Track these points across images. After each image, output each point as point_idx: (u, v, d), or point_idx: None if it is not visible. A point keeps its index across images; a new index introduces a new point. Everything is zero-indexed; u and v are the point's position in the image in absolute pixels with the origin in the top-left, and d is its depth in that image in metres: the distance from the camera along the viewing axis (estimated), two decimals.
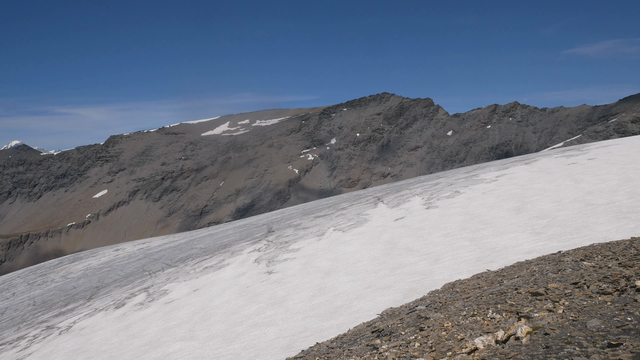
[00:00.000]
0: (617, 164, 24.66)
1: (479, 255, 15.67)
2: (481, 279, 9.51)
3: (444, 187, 28.67)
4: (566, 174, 24.76)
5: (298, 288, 17.22)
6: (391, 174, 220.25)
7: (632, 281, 5.97)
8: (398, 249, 18.86)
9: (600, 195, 19.63)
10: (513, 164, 31.89)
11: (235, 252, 26.25)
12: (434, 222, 21.52)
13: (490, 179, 27.50)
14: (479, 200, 23.36)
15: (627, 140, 34.32)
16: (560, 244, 14.73)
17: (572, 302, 5.79)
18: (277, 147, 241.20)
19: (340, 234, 23.59)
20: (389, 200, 28.93)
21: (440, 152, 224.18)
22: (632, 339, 4.27)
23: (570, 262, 8.39)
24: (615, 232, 14.78)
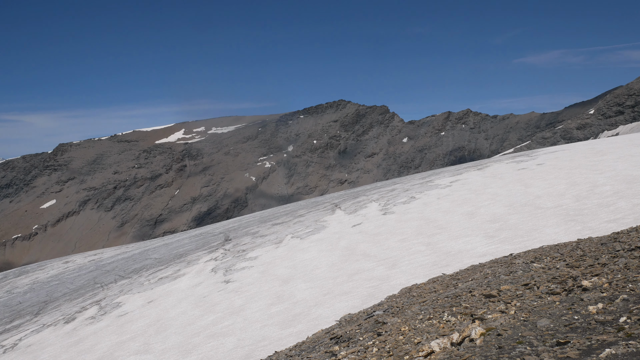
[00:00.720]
0: (564, 169, 25.66)
1: (435, 260, 15.97)
2: (437, 282, 9.70)
3: (400, 193, 29.10)
4: (517, 178, 25.58)
5: (256, 297, 17.08)
6: (348, 180, 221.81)
7: (579, 281, 6.22)
8: (356, 254, 19.00)
9: (549, 199, 20.37)
10: (466, 169, 32.69)
11: (191, 262, 25.82)
12: (390, 227, 21.79)
13: (444, 185, 28.10)
14: (434, 205, 23.82)
15: (572, 146, 35.79)
16: (512, 246, 15.19)
17: (523, 303, 5.98)
18: (233, 154, 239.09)
19: (298, 241, 23.57)
20: (347, 207, 29.13)
21: (396, 159, 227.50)
22: (579, 337, 4.45)
23: (521, 264, 8.67)
24: (563, 235, 15.36)
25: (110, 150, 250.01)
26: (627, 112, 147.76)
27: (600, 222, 15.93)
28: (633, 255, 6.95)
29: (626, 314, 4.64)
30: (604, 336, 4.29)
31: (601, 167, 24.19)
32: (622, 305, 4.94)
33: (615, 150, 28.57)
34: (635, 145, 29.30)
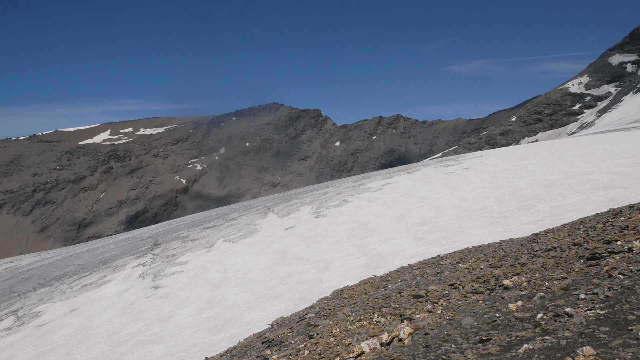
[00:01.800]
0: (488, 173, 26.89)
1: (366, 262, 16.24)
2: (368, 284, 9.85)
3: (332, 196, 29.38)
4: (444, 182, 26.52)
5: (186, 302, 16.67)
6: (281, 183, 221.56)
7: (501, 280, 6.52)
8: (289, 258, 18.99)
9: (474, 202, 21.27)
10: (397, 173, 33.51)
11: (117, 268, 24.84)
12: (323, 230, 21.96)
13: (375, 188, 28.66)
14: (365, 208, 24.24)
15: (496, 152, 37.58)
16: (439, 248, 15.72)
17: (449, 302, 6.19)
18: (163, 156, 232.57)
19: (230, 245, 23.25)
20: (279, 210, 29.07)
21: (329, 162, 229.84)
22: (500, 334, 4.66)
23: (448, 265, 8.97)
24: (487, 236, 16.08)
25: (29, 151, 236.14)
26: (546, 119, 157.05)
27: (521, 223, 16.81)
28: (549, 255, 7.37)
29: (542, 310, 4.91)
30: (523, 332, 4.52)
31: (522, 171, 25.54)
32: (539, 303, 5.22)
33: (534, 155, 30.27)
34: (553, 151, 31.17)
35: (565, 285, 5.52)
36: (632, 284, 4.80)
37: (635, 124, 48.25)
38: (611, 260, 5.85)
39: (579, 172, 22.70)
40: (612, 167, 22.50)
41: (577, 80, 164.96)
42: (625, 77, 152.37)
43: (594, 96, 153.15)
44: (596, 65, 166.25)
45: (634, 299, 4.47)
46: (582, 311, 4.56)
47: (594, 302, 4.68)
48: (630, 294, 4.59)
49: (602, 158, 25.14)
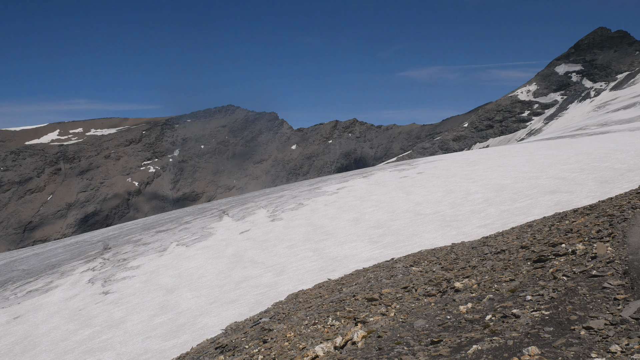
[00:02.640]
0: (441, 177, 27.47)
1: (322, 265, 16.28)
2: (323, 288, 9.88)
3: (288, 199, 29.34)
4: (399, 186, 26.92)
5: (138, 307, 16.26)
6: (236, 186, 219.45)
7: (452, 283, 6.67)
8: (244, 262, 18.82)
9: (428, 205, 21.68)
10: (352, 177, 33.79)
11: (65, 273, 23.98)
12: (279, 234, 21.88)
13: (331, 192, 28.80)
14: (321, 211, 24.32)
15: (449, 157, 38.45)
16: (394, 251, 15.93)
17: (402, 305, 6.27)
18: (114, 158, 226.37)
19: (183, 249, 22.85)
20: (235, 213, 28.80)
21: (285, 165, 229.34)
22: (450, 335, 4.76)
23: (402, 268, 9.11)
24: (440, 239, 16.41)
25: None
26: (496, 126, 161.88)
27: (473, 227, 17.25)
28: (499, 258, 7.59)
29: (491, 312, 5.05)
30: (472, 333, 4.63)
31: (474, 176, 26.23)
32: (488, 304, 5.37)
33: (486, 160, 31.14)
34: (503, 156, 32.15)
35: (513, 287, 5.70)
36: (575, 286, 5.00)
37: (580, 131, 50.40)
38: (556, 263, 6.08)
39: (527, 177, 23.49)
40: (558, 172, 23.40)
41: (525, 88, 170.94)
42: (571, 86, 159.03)
43: (542, 104, 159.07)
44: (543, 74, 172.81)
45: (577, 299, 4.66)
46: (529, 312, 4.71)
47: (540, 303, 4.85)
48: (573, 295, 4.78)
49: (549, 164, 26.11)
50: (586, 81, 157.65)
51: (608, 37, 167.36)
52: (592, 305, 4.45)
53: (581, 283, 5.03)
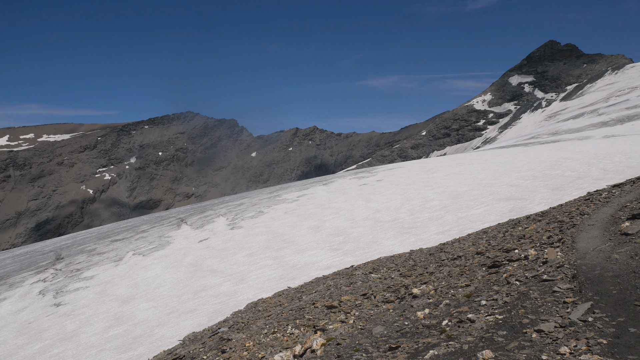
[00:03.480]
0: (400, 185, 27.86)
1: (282, 273, 16.22)
2: (282, 296, 9.85)
3: (248, 207, 29.13)
4: (359, 194, 27.14)
5: (92, 319, 15.78)
6: (195, 194, 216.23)
7: (410, 289, 6.76)
8: (202, 270, 18.55)
9: (387, 213, 21.93)
10: (312, 184, 33.86)
11: (14, 284, 23.04)
12: (238, 242, 21.69)
13: (292, 199, 28.77)
14: (281, 219, 24.25)
15: (408, 164, 39.04)
16: (354, 258, 16.03)
17: (361, 312, 6.32)
18: (68, 165, 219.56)
19: (140, 258, 22.34)
20: (193, 222, 28.38)
21: (245, 173, 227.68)
22: (408, 341, 4.83)
23: (361, 275, 9.17)
24: (399, 246, 16.61)
25: None
26: (453, 134, 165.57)
27: (431, 234, 17.55)
28: (455, 264, 7.75)
29: (448, 317, 5.15)
30: (429, 339, 4.71)
31: (432, 183, 26.71)
32: (445, 310, 5.47)
33: (443, 168, 31.77)
34: (460, 164, 32.89)
35: (469, 292, 5.83)
36: (527, 290, 5.16)
37: (533, 140, 52.10)
38: (509, 268, 6.26)
39: (483, 185, 24.09)
40: (513, 180, 24.11)
41: (481, 98, 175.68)
42: (524, 96, 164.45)
43: (496, 113, 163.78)
44: (498, 85, 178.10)
45: (529, 303, 4.80)
46: (483, 316, 4.83)
47: (494, 308, 4.98)
48: (525, 299, 4.93)
49: (504, 171, 26.87)
50: (538, 92, 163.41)
51: (558, 50, 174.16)
52: (543, 309, 4.59)
53: (533, 287, 5.19)
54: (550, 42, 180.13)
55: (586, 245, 6.12)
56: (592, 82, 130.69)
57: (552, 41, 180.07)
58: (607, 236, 6.23)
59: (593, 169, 23.60)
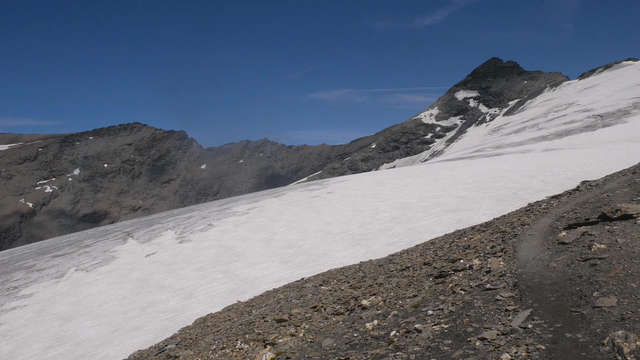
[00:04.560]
0: (351, 197, 28.12)
1: (232, 287, 16.01)
2: (232, 310, 9.72)
3: (197, 220, 28.66)
4: (310, 206, 27.20)
5: (30, 340, 15.04)
6: (142, 207, 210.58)
7: (360, 301, 6.82)
8: (150, 286, 18.06)
9: (338, 225, 22.07)
10: (263, 197, 33.69)
11: None
12: (187, 256, 21.27)
13: (242, 212, 28.51)
14: (232, 232, 23.97)
15: (358, 177, 39.49)
16: (305, 271, 16.01)
17: (311, 325, 6.32)
18: (5, 177, 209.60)
19: (83, 274, 21.53)
20: (140, 236, 27.63)
21: (194, 185, 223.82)
22: (357, 353, 4.87)
23: (311, 288, 9.18)
24: (350, 258, 16.74)
25: None
26: (402, 147, 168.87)
27: (381, 245, 17.78)
28: (403, 275, 7.88)
29: (396, 328, 5.23)
30: (378, 350, 4.77)
31: (381, 195, 27.11)
32: (393, 320, 5.55)
33: (392, 181, 32.31)
34: (409, 176, 33.54)
35: (416, 302, 5.94)
36: (472, 299, 5.32)
37: (478, 153, 53.83)
38: (455, 278, 6.43)
39: (431, 197, 24.65)
40: (459, 191, 24.80)
41: (428, 112, 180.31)
42: (469, 110, 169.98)
43: (443, 127, 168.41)
44: (444, 100, 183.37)
45: (473, 312, 4.94)
46: (430, 326, 4.93)
47: (440, 317, 5.10)
48: (469, 308, 5.07)
49: (451, 183, 27.61)
50: (482, 106, 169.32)
51: (500, 67, 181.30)
52: (486, 317, 4.74)
53: (477, 296, 5.35)
54: (493, 59, 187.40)
55: (526, 254, 6.37)
56: (532, 98, 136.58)
57: (495, 58, 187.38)
58: (546, 245, 6.50)
59: (534, 181, 24.60)
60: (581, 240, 6.14)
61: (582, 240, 6.13)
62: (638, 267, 4.87)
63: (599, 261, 5.24)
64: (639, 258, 5.08)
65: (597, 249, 5.62)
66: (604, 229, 6.24)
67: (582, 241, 6.07)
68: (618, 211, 6.57)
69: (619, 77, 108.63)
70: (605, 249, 5.53)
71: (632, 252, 5.27)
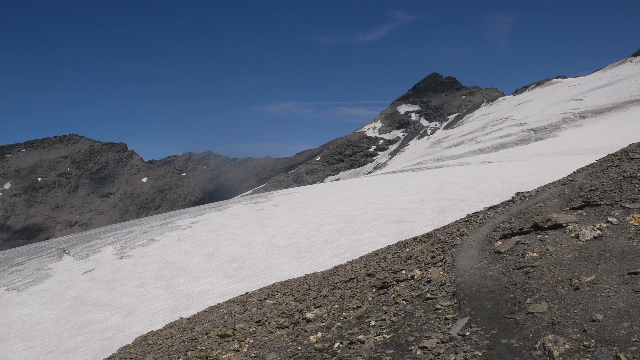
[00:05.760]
0: (296, 209, 28.14)
1: (175, 303, 15.62)
2: (174, 327, 9.49)
3: (138, 235, 27.84)
4: (254, 219, 27.00)
5: None
6: (79, 222, 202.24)
7: (304, 314, 6.83)
8: (87, 304, 17.34)
9: (283, 237, 22.01)
10: (207, 210, 33.16)
11: None
12: (127, 272, 20.59)
13: (185, 226, 27.94)
14: (174, 247, 23.42)
15: (303, 189, 39.58)
16: (250, 284, 15.85)
17: (255, 339, 6.27)
18: None
19: (14, 294, 20.41)
20: (77, 252, 26.53)
21: (135, 199, 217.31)
22: None
23: (256, 302, 9.11)
24: (295, 270, 16.71)
25: None
26: (346, 160, 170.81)
27: (326, 257, 17.86)
28: (347, 287, 7.96)
29: (339, 340, 5.27)
30: None
31: (326, 208, 27.28)
32: (337, 332, 5.60)
33: (337, 193, 32.60)
34: (353, 189, 33.94)
35: (360, 314, 6.01)
36: (413, 309, 5.44)
37: (419, 165, 55.23)
38: (397, 288, 6.55)
39: (374, 208, 25.04)
40: (402, 203, 25.32)
41: (372, 125, 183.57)
42: (411, 124, 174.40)
43: (386, 140, 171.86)
44: (387, 113, 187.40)
45: (414, 322, 5.06)
46: (372, 337, 5.01)
47: (382, 328, 5.18)
48: (411, 318, 5.19)
49: (394, 195, 28.15)
50: (423, 120, 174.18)
51: (440, 82, 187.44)
52: (427, 326, 4.87)
53: (418, 306, 5.48)
54: (434, 74, 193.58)
55: (465, 263, 6.59)
56: (471, 112, 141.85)
57: (435, 73, 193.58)
58: (483, 255, 6.75)
59: (473, 192, 25.47)
60: (515, 249, 6.42)
61: (516, 249, 6.41)
62: (567, 273, 5.14)
63: (532, 269, 5.49)
64: (567, 265, 5.36)
65: (529, 257, 5.89)
66: (536, 238, 6.55)
67: (516, 250, 6.34)
68: (549, 221, 6.91)
69: (550, 93, 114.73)
70: (537, 257, 5.80)
71: (562, 259, 5.56)
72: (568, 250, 5.81)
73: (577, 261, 5.43)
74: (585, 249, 5.74)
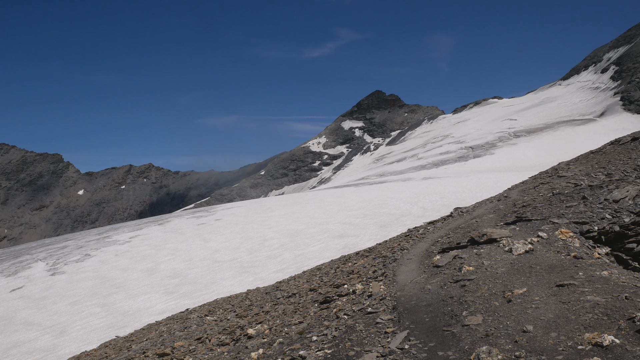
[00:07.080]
0: (239, 224, 27.82)
1: (111, 322, 15.03)
2: (109, 347, 9.14)
3: (72, 250, 26.68)
4: (196, 233, 26.48)
5: None
6: (8, 237, 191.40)
7: (246, 330, 6.75)
8: (14, 324, 16.40)
9: (226, 252, 21.69)
10: (147, 224, 32.25)
11: None
12: (60, 289, 19.66)
13: (123, 240, 27.04)
14: (111, 262, 22.60)
15: (247, 204, 39.22)
16: (191, 301, 15.48)
17: (195, 357, 6.13)
18: None
19: None
20: (4, 269, 25.10)
21: (70, 212, 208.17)
22: None
23: (196, 319, 8.91)
24: (238, 286, 16.48)
25: None
26: (291, 174, 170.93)
27: (269, 272, 17.73)
28: (290, 302, 7.94)
29: (281, 356, 5.24)
30: None
31: (270, 222, 27.13)
32: (279, 348, 5.56)
33: (281, 207, 32.51)
34: (297, 203, 33.96)
35: (302, 329, 6.01)
36: (354, 323, 5.49)
37: (363, 181, 56.02)
38: (339, 303, 6.60)
39: (318, 223, 25.14)
40: (345, 218, 25.55)
41: (316, 140, 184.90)
42: (355, 140, 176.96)
43: (331, 155, 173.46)
44: (332, 129, 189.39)
45: (355, 336, 5.11)
46: (314, 352, 5.01)
47: (324, 343, 5.20)
48: (352, 332, 5.23)
49: (337, 210, 28.38)
50: (367, 136, 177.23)
51: (383, 99, 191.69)
52: (367, 340, 4.92)
53: (359, 320, 5.54)
54: (377, 91, 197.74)
55: (405, 277, 6.73)
56: (412, 129, 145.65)
57: (378, 91, 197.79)
58: (422, 269, 6.91)
59: (414, 207, 26.06)
60: (453, 263, 6.62)
61: (453, 263, 6.61)
62: (500, 286, 5.35)
63: (468, 282, 5.68)
64: (501, 278, 5.58)
65: (466, 270, 6.09)
66: (473, 252, 6.79)
67: (454, 264, 6.54)
68: (484, 235, 7.19)
69: (487, 113, 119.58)
70: (473, 271, 6.01)
71: (496, 272, 5.79)
72: (502, 263, 6.05)
73: (510, 274, 5.66)
74: (518, 262, 6.00)
